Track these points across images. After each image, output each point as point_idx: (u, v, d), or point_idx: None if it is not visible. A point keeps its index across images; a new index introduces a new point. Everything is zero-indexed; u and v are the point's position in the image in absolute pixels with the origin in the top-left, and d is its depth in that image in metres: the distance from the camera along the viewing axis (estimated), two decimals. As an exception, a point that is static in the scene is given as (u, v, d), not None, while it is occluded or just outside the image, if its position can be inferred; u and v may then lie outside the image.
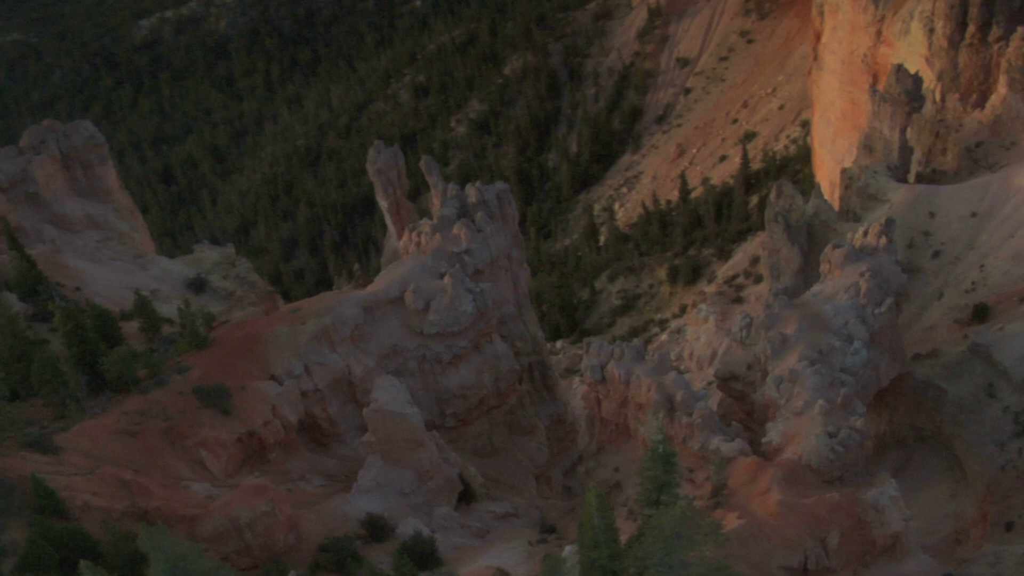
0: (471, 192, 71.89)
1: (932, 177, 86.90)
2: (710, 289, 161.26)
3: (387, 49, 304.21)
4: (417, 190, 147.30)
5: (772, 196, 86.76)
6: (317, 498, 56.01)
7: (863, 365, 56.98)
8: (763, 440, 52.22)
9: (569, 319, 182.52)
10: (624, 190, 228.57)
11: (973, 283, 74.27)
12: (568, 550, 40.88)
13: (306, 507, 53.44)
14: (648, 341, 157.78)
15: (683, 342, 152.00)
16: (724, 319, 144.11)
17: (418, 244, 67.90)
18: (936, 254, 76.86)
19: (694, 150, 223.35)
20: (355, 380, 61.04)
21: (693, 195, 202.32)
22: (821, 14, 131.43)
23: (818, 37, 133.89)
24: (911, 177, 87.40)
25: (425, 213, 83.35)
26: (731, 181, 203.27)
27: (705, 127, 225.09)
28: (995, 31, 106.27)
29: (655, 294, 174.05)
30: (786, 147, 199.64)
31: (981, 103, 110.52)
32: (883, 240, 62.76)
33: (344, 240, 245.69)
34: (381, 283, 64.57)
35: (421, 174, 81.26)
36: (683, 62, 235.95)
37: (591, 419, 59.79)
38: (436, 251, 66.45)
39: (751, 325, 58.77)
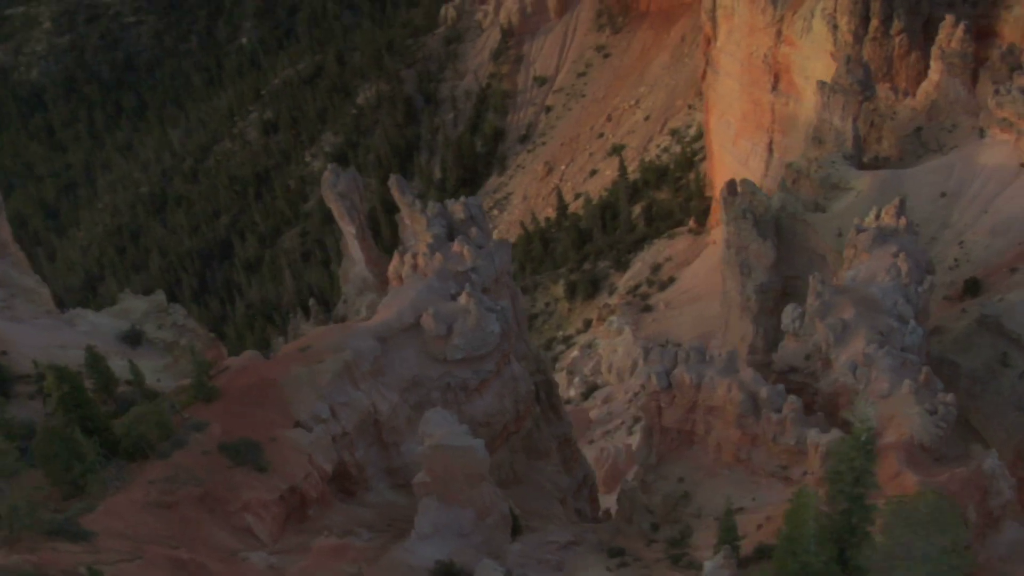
0: (457, 209, 66.57)
1: (877, 164, 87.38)
2: (613, 301, 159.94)
3: (219, 89, 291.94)
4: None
5: (723, 194, 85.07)
6: (374, 552, 49.50)
7: (920, 343, 55.27)
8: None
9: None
10: (495, 212, 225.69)
11: (956, 260, 74.48)
12: (710, 566, 36.90)
13: (370, 563, 47.03)
14: (555, 359, 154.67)
15: (596, 356, 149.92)
16: (638, 328, 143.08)
17: (414, 267, 61.85)
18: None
19: (563, 167, 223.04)
20: (381, 419, 54.71)
21: (571, 210, 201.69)
22: (713, 19, 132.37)
23: (709, 42, 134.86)
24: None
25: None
26: (605, 194, 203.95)
27: (571, 143, 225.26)
28: (896, 24, 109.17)
29: (552, 312, 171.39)
30: (658, 156, 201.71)
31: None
32: (902, 220, 61.38)
33: (204, 287, 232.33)
34: (389, 312, 58.08)
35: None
36: (541, 80, 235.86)
37: (649, 430, 55.51)
38: (439, 272, 60.73)
39: (803, 316, 56.03)
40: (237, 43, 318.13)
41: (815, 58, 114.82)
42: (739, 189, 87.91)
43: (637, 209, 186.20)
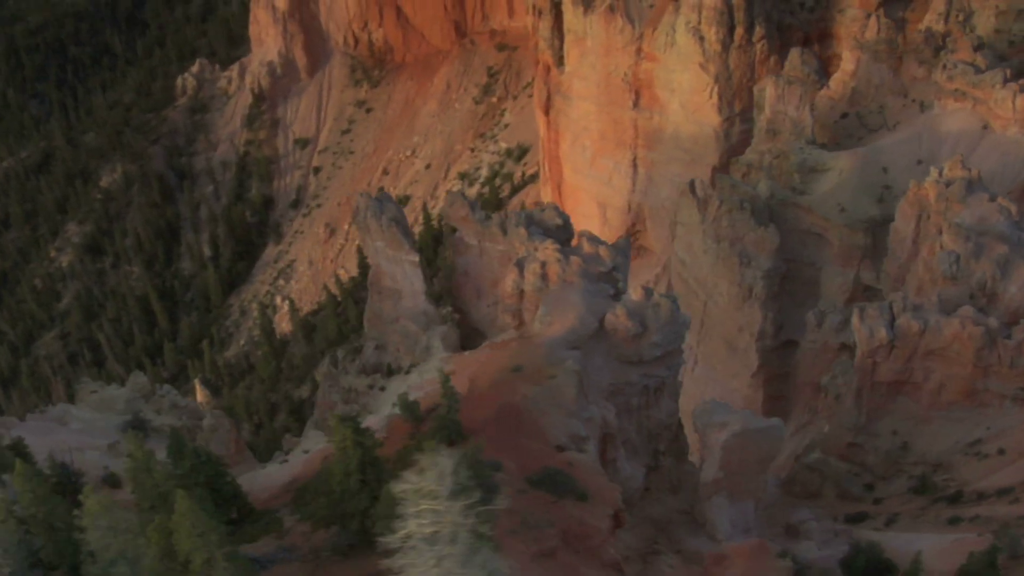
0: (549, 215, 61.85)
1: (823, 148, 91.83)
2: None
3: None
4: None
5: (701, 192, 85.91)
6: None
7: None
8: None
9: (299, 419, 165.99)
10: (281, 282, 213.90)
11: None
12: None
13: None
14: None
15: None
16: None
17: (543, 276, 56.39)
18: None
19: (345, 227, 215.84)
20: (612, 431, 49.55)
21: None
22: (551, 47, 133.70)
23: (549, 70, 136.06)
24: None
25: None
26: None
27: (348, 202, 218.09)
28: (758, 31, 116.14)
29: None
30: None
31: (748, 98, 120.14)
32: (974, 171, 64.63)
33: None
34: (561, 323, 52.32)
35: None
36: (303, 142, 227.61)
37: (859, 390, 54.14)
38: (583, 274, 55.93)
39: (959, 260, 57.19)
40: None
41: (680, 70, 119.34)
42: (698, 190, 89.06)
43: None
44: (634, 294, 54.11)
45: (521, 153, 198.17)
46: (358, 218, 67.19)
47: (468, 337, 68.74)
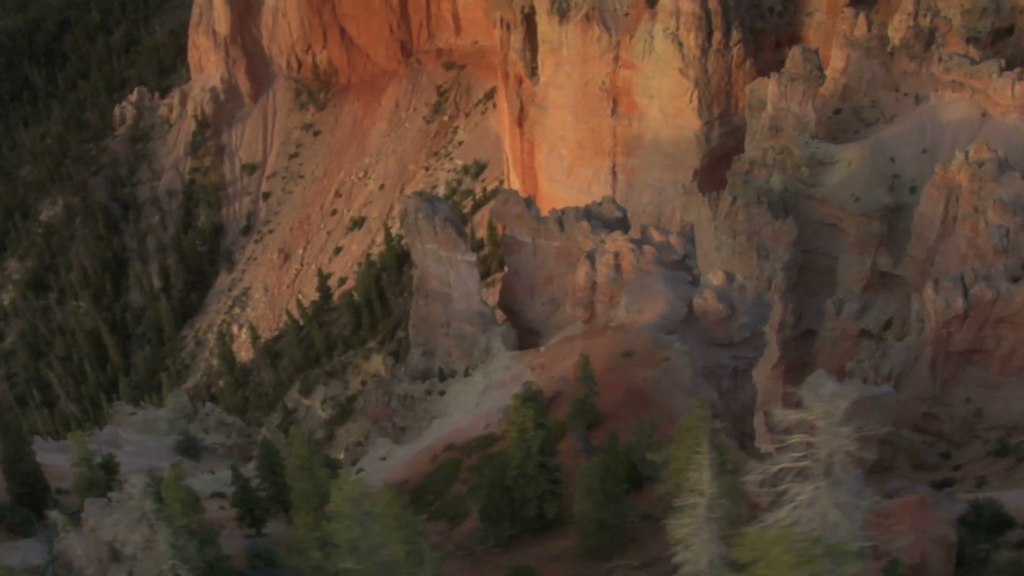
0: (607, 208, 62.24)
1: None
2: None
3: None
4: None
5: (719, 192, 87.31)
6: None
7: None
8: None
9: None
10: (236, 310, 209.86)
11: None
12: None
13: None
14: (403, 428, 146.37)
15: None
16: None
17: (616, 266, 56.63)
18: (913, 189, 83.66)
19: (300, 251, 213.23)
20: (719, 412, 49.96)
21: (343, 289, 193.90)
22: (523, 59, 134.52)
23: (521, 82, 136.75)
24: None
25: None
26: (360, 268, 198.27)
27: (302, 226, 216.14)
28: (735, 35, 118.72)
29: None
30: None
31: (726, 101, 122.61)
32: (1000, 152, 67.03)
33: None
34: (651, 310, 52.59)
35: None
36: (250, 168, 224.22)
37: (933, 361, 55.57)
38: (658, 262, 56.37)
39: (1009, 233, 59.24)
40: None
41: (660, 76, 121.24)
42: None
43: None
44: (714, 279, 54.66)
45: (479, 169, 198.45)
46: (407, 220, 66.63)
47: (519, 337, 68.55)
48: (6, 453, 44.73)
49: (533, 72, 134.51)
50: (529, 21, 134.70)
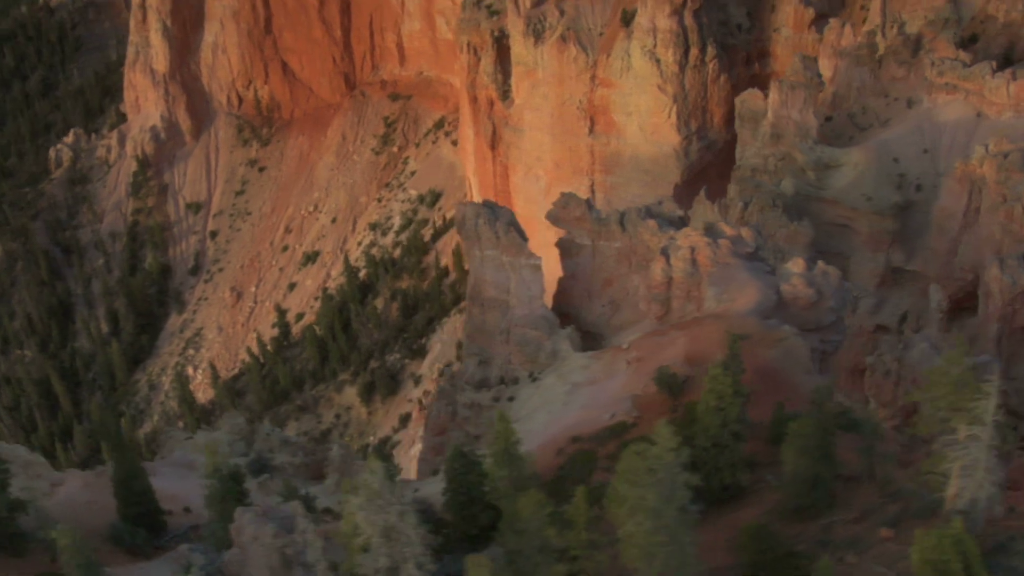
0: (667, 207, 63.39)
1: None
2: (418, 392, 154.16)
3: None
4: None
5: (731, 195, 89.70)
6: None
7: None
8: None
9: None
10: (190, 352, 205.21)
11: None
12: None
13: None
14: (387, 457, 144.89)
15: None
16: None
17: (693, 261, 57.76)
18: (918, 187, 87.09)
19: (253, 288, 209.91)
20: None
21: (301, 323, 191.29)
22: (495, 82, 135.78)
23: (493, 104, 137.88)
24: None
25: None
26: (316, 303, 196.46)
27: (252, 264, 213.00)
28: (710, 51, 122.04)
29: (348, 421, 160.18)
30: (366, 252, 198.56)
31: (703, 116, 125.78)
32: (1021, 144, 70.52)
33: None
34: (744, 298, 53.70)
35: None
36: (195, 207, 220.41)
37: (998, 339, 57.89)
38: (735, 254, 57.74)
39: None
40: None
41: (638, 93, 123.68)
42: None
43: (380, 303, 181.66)
44: (794, 266, 56.11)
45: (434, 198, 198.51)
46: (465, 228, 66.45)
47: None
48: (119, 474, 43.58)
49: (505, 95, 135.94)
50: (499, 44, 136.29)
